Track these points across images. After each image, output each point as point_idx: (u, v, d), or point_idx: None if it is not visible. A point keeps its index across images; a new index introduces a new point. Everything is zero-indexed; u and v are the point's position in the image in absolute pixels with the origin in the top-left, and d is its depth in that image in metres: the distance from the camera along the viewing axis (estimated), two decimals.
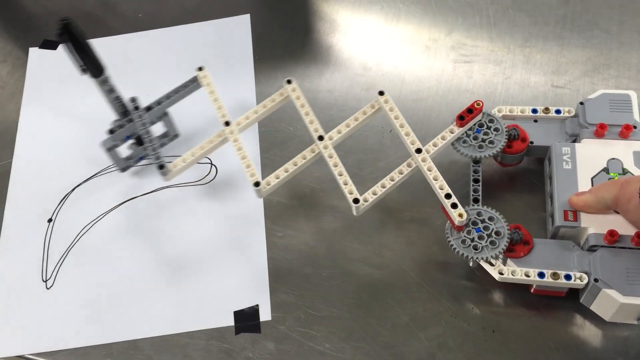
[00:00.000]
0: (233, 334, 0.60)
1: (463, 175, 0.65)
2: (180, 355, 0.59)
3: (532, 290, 0.58)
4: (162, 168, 0.62)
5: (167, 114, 0.68)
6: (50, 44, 0.84)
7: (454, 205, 0.56)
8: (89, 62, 0.59)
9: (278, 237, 0.65)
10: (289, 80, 0.64)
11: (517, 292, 0.59)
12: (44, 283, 0.65)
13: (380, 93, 0.62)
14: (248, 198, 0.68)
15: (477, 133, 0.61)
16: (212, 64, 0.79)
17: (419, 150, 0.59)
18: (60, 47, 0.83)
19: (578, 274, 0.54)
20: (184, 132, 0.72)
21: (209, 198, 0.68)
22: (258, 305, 0.61)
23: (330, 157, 0.60)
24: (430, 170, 0.58)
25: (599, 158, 0.59)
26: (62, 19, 0.55)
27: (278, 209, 0.67)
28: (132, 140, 0.68)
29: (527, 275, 0.55)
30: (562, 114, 0.63)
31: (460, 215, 0.55)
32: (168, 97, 0.67)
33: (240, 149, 0.62)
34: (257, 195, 0.61)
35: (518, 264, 0.56)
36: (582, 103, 0.62)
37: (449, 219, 0.57)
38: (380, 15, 0.80)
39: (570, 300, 0.57)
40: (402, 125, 0.61)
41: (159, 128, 0.70)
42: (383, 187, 0.58)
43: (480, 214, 0.57)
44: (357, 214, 0.59)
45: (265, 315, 0.61)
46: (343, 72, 0.76)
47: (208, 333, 0.60)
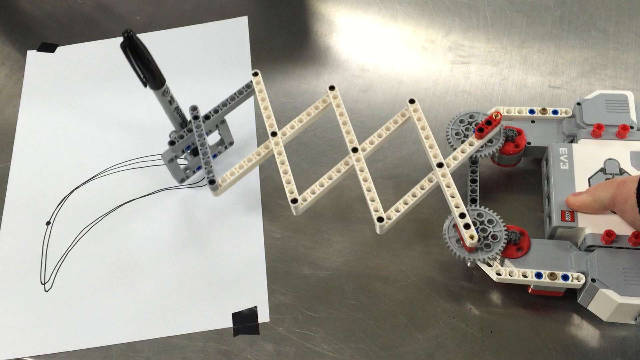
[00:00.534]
0: (231, 336, 0.60)
1: (461, 176, 0.65)
2: (179, 357, 0.59)
3: (529, 291, 0.58)
4: (212, 183, 0.61)
5: (224, 122, 0.67)
6: (48, 47, 0.84)
7: (467, 226, 0.55)
8: (150, 74, 0.58)
9: (276, 238, 0.65)
10: (332, 87, 0.63)
11: (514, 292, 0.59)
12: (43, 285, 0.65)
13: (411, 101, 0.61)
14: (246, 199, 0.68)
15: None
16: (209, 67, 0.79)
17: (441, 165, 0.57)
18: (58, 49, 0.84)
19: (575, 274, 0.54)
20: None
21: (207, 200, 0.68)
22: (256, 307, 0.61)
23: (362, 170, 0.59)
24: (449, 187, 0.57)
25: (596, 158, 0.59)
26: (125, 31, 0.54)
27: (276, 211, 0.67)
28: (188, 152, 0.67)
29: (524, 276, 0.55)
30: (559, 115, 0.63)
31: (472, 237, 0.54)
32: (225, 104, 0.66)
33: (283, 163, 0.60)
34: (294, 212, 0.60)
35: (515, 265, 0.56)
36: (579, 103, 0.62)
37: (460, 238, 0.56)
38: (378, 17, 0.80)
39: (568, 301, 0.57)
40: (427, 137, 0.59)
41: (213, 137, 0.69)
42: (405, 203, 0.57)
43: (481, 215, 0.57)
44: (380, 233, 0.58)
45: (264, 317, 0.61)
46: (341, 73, 0.76)
47: (206, 335, 0.60)
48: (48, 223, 0.69)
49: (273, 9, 0.83)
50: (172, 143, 0.64)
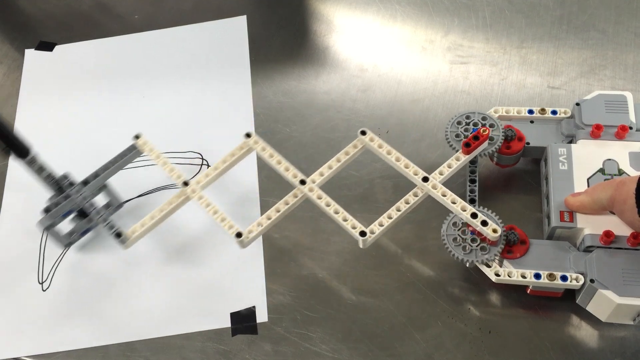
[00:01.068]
0: (230, 336, 0.60)
1: (459, 176, 0.65)
2: (177, 357, 0.59)
3: (528, 291, 0.58)
4: (119, 236, 0.58)
5: (106, 186, 0.65)
6: (46, 46, 0.84)
7: (484, 223, 0.54)
8: (12, 143, 0.54)
9: (275, 238, 0.65)
10: (248, 134, 0.61)
11: (513, 292, 0.59)
12: (40, 285, 0.65)
13: (362, 133, 0.59)
14: (244, 198, 0.68)
15: (474, 132, 0.61)
16: (208, 66, 0.79)
17: (426, 179, 0.57)
18: (57, 48, 0.83)
19: (574, 275, 0.54)
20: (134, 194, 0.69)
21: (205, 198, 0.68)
22: (255, 307, 0.61)
23: (320, 198, 0.57)
24: (446, 195, 0.56)
25: (595, 159, 0.59)
26: None
27: None
28: (73, 215, 0.64)
29: (523, 277, 0.55)
30: (558, 115, 0.63)
31: (495, 231, 0.54)
32: (106, 168, 0.63)
33: (209, 205, 0.59)
34: (240, 247, 0.58)
35: (514, 265, 0.56)
36: (578, 104, 0.62)
37: (479, 236, 0.56)
38: (377, 17, 0.80)
39: (567, 301, 0.57)
40: (398, 159, 0.58)
41: (101, 198, 0.67)
42: (390, 217, 0.56)
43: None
44: (364, 247, 0.57)
45: (262, 317, 0.61)
46: (340, 73, 0.76)
47: (205, 335, 0.60)
48: None
49: (272, 9, 0.83)
50: (47, 210, 0.61)
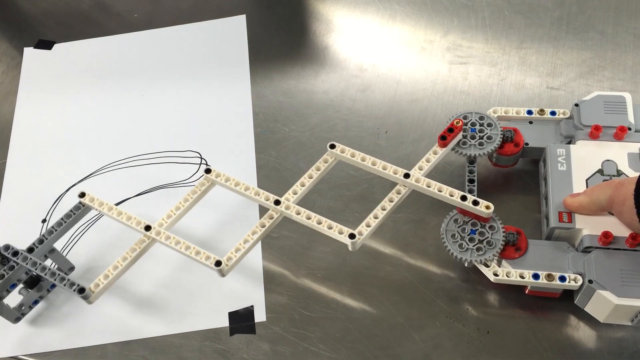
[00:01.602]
0: (228, 335, 0.60)
1: (458, 176, 0.65)
2: (175, 356, 0.59)
3: (526, 291, 0.58)
4: (82, 292, 0.54)
5: (54, 250, 0.61)
6: (45, 44, 0.84)
7: (476, 202, 0.55)
8: None
9: (273, 237, 0.65)
10: (208, 170, 0.60)
11: (512, 293, 0.59)
12: None
13: (331, 146, 0.59)
14: (243, 198, 0.67)
15: (472, 132, 0.61)
16: (207, 65, 0.79)
17: (407, 175, 0.57)
18: (56, 47, 0.83)
19: (572, 276, 0.54)
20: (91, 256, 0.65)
21: (204, 198, 0.68)
22: (253, 306, 0.61)
23: (299, 213, 0.57)
24: (430, 186, 0.56)
25: (594, 159, 0.59)
26: None
27: None
28: (20, 286, 0.60)
29: (521, 277, 0.55)
30: (557, 116, 0.63)
31: (488, 207, 0.55)
32: (50, 232, 0.59)
33: (179, 243, 0.56)
34: (219, 275, 0.55)
35: (513, 265, 0.56)
36: (577, 105, 0.62)
37: (473, 216, 0.57)
38: (376, 17, 0.80)
39: (565, 302, 0.57)
40: (374, 163, 0.58)
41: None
42: (376, 217, 0.56)
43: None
44: (353, 250, 0.56)
45: (260, 316, 0.60)
46: (339, 73, 0.76)
47: (203, 334, 0.60)
48: (44, 221, 0.69)
49: (271, 8, 0.83)
50: None
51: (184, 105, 0.76)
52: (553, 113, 0.63)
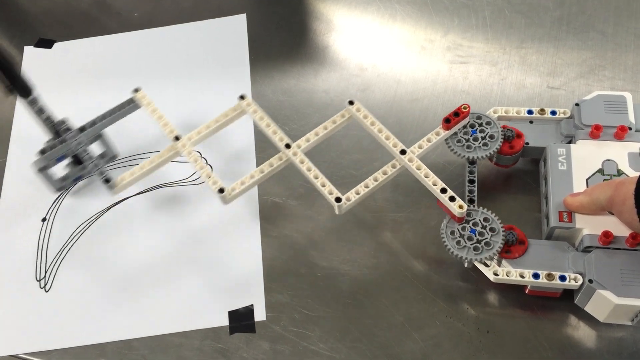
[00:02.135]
0: (227, 334, 0.60)
1: (458, 176, 0.65)
2: (175, 355, 0.59)
3: (527, 291, 0.58)
4: (108, 182, 0.62)
5: (101, 135, 0.67)
6: (46, 43, 0.83)
7: (452, 199, 0.56)
8: (17, 81, 0.57)
9: (273, 236, 0.65)
10: (242, 96, 0.64)
11: (512, 292, 0.59)
12: (38, 282, 0.65)
13: (350, 102, 0.62)
14: (243, 197, 0.67)
15: (474, 134, 0.61)
16: (208, 64, 0.79)
17: (404, 152, 0.59)
18: (56, 46, 0.83)
19: (572, 275, 0.54)
20: (132, 149, 0.71)
21: (204, 197, 0.68)
22: (253, 305, 0.61)
23: (302, 162, 0.60)
24: (420, 169, 0.58)
25: (594, 159, 0.59)
26: None
27: (273, 209, 0.67)
28: (68, 161, 0.67)
29: (521, 276, 0.55)
30: (557, 115, 0.63)
31: (461, 207, 0.55)
32: (103, 117, 0.66)
33: (197, 160, 0.61)
34: (222, 202, 0.60)
35: (513, 265, 0.56)
36: (577, 104, 0.62)
37: (449, 213, 0.57)
38: (377, 16, 0.80)
39: (565, 301, 0.57)
40: (380, 130, 0.60)
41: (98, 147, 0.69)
42: (366, 187, 0.58)
43: (487, 220, 0.57)
44: (339, 213, 0.58)
45: (260, 315, 0.60)
46: (339, 72, 0.76)
47: (202, 333, 0.60)
48: (44, 220, 0.69)
49: (271, 7, 0.83)
50: (43, 152, 0.63)
51: (184, 105, 0.76)
52: (553, 113, 0.63)
